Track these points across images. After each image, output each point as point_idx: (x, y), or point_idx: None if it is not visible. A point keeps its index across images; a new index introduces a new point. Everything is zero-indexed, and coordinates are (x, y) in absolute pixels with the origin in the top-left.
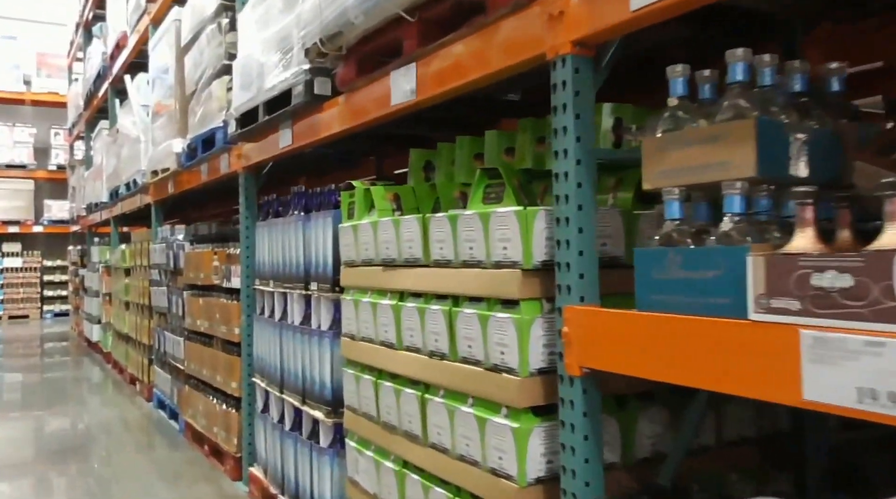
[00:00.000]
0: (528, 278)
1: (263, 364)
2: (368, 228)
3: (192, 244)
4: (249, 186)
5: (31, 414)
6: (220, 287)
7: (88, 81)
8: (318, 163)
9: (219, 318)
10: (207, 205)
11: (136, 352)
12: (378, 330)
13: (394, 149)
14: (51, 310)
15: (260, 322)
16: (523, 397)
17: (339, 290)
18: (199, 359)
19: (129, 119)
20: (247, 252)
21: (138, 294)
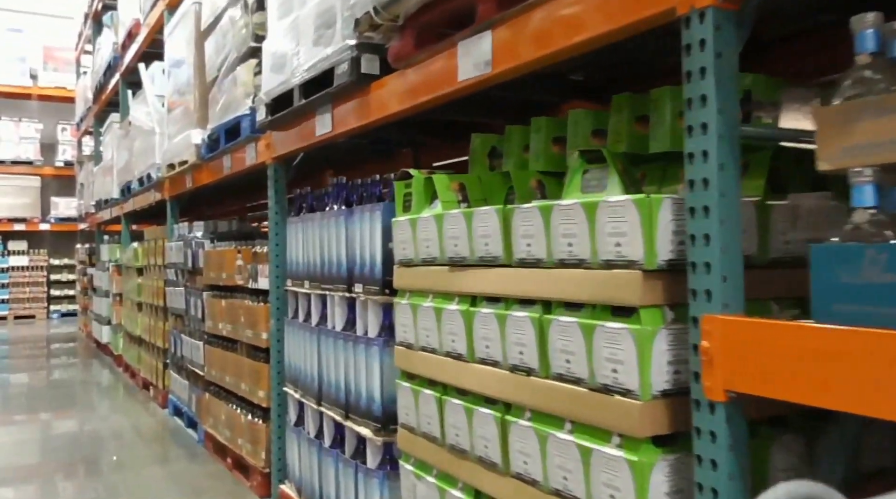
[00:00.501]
0: (650, 281)
1: (297, 373)
2: (431, 223)
3: (212, 242)
4: (279, 178)
5: (37, 420)
6: (244, 288)
7: (98, 73)
8: (346, 155)
9: (244, 321)
10: (223, 201)
11: (150, 355)
12: (443, 339)
13: (433, 138)
14: (57, 310)
15: (292, 327)
16: (644, 424)
17: (389, 292)
18: (220, 365)
19: (142, 110)
20: (276, 250)
21: (152, 295)
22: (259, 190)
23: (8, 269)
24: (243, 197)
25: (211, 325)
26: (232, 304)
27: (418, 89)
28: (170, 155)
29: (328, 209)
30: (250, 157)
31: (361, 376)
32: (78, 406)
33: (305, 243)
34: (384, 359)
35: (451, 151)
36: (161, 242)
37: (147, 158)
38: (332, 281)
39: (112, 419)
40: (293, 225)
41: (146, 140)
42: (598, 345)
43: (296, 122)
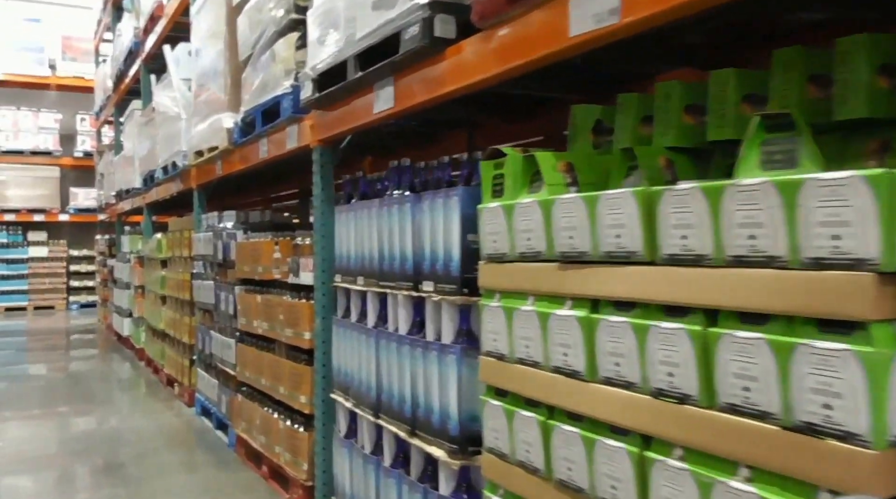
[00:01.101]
0: (885, 288)
1: (348, 379)
2: (535, 210)
3: (245, 233)
4: (325, 162)
5: (55, 417)
6: (283, 283)
7: (118, 60)
8: (385, 140)
9: (283, 319)
10: (247, 192)
11: (175, 351)
12: (550, 351)
13: (490, 118)
14: (77, 301)
15: (342, 327)
16: (877, 481)
17: (469, 292)
18: (255, 365)
19: (166, 95)
20: (322, 242)
21: (177, 288)
22: (284, 179)
23: (28, 260)
24: (267, 187)
25: (244, 322)
26: (269, 300)
27: (510, 52)
28: (197, 141)
29: (388, 196)
30: (291, 140)
31: (433, 388)
32: (99, 403)
33: (359, 234)
34: (462, 370)
35: (511, 133)
36: (187, 232)
37: (172, 146)
38: (393, 277)
39: (135, 419)
40: (342, 214)
41: (171, 126)
42: (798, 370)
43: (349, 98)
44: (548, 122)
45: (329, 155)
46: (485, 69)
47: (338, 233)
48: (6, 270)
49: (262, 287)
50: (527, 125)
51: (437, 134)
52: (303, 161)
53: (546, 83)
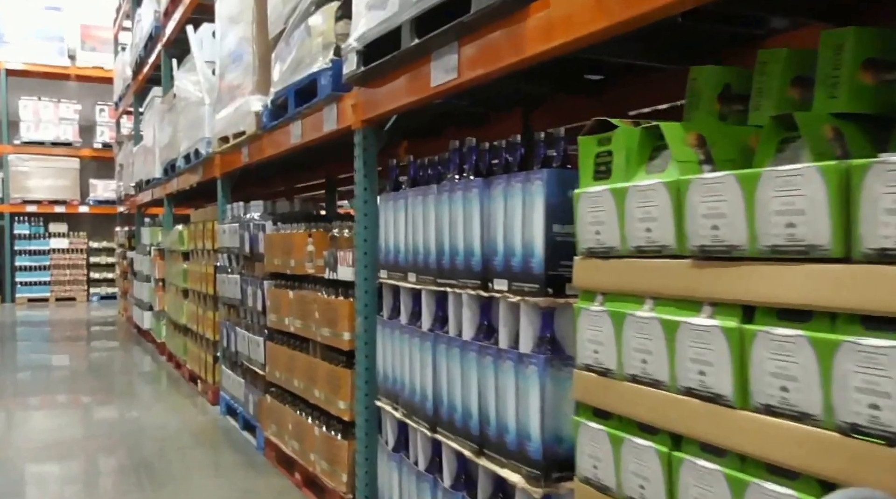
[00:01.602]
0: None
1: (397, 386)
2: (661, 193)
3: (274, 225)
4: (369, 145)
5: (75, 415)
6: (318, 278)
7: (138, 47)
8: (424, 123)
9: (318, 317)
10: (270, 182)
11: (198, 347)
12: (680, 368)
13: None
14: (97, 293)
15: (390, 329)
16: None
17: (553, 292)
18: (287, 365)
19: (189, 80)
20: (364, 234)
21: (200, 281)
22: (309, 169)
23: (49, 251)
24: (290, 178)
25: (274, 319)
26: (302, 296)
27: (616, 3)
28: (222, 127)
29: (449, 181)
30: (330, 121)
31: (507, 403)
32: (119, 400)
33: (411, 226)
34: (546, 384)
35: (574, 112)
36: (211, 224)
37: (195, 133)
38: (455, 275)
39: (159, 416)
40: (389, 203)
41: (194, 112)
42: None
43: (401, 71)
44: (619, 97)
45: (373, 137)
46: (580, 27)
47: (383, 224)
48: (29, 262)
49: (295, 282)
50: (594, 102)
51: (486, 115)
52: (331, 149)
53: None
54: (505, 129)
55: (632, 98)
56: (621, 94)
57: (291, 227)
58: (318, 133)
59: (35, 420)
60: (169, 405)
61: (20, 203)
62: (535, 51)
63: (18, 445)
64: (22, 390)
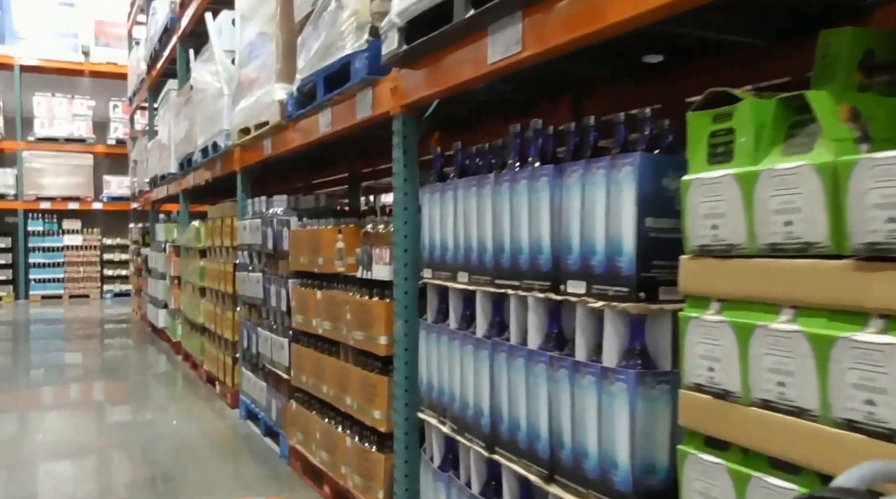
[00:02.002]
0: None
1: (444, 398)
2: (809, 177)
3: (300, 220)
4: (409, 133)
5: (89, 420)
6: (349, 277)
7: (152, 40)
8: (457, 113)
9: (350, 319)
10: (286, 178)
11: (215, 347)
12: (835, 395)
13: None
14: (110, 290)
15: (436, 334)
16: None
17: (646, 297)
18: (315, 370)
19: (207, 71)
20: (404, 229)
21: (218, 279)
22: (329, 163)
23: (63, 248)
24: (307, 173)
25: (300, 320)
26: (332, 297)
27: None
28: (243, 118)
29: (509, 170)
30: (364, 107)
31: (587, 424)
32: (134, 402)
33: (461, 219)
34: (637, 404)
35: (634, 98)
36: (230, 220)
37: (213, 125)
38: (517, 275)
39: (174, 421)
40: (434, 195)
41: (212, 104)
42: None
43: (452, 47)
44: (680, 82)
45: (413, 124)
46: None
47: (427, 218)
48: (42, 259)
49: (322, 281)
50: (652, 89)
51: (528, 105)
52: (354, 142)
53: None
54: (550, 120)
55: (694, 82)
56: (683, 79)
57: (319, 222)
58: (349, 121)
59: (46, 423)
60: (186, 409)
61: (34, 200)
62: (619, 17)
63: (26, 451)
64: (34, 391)
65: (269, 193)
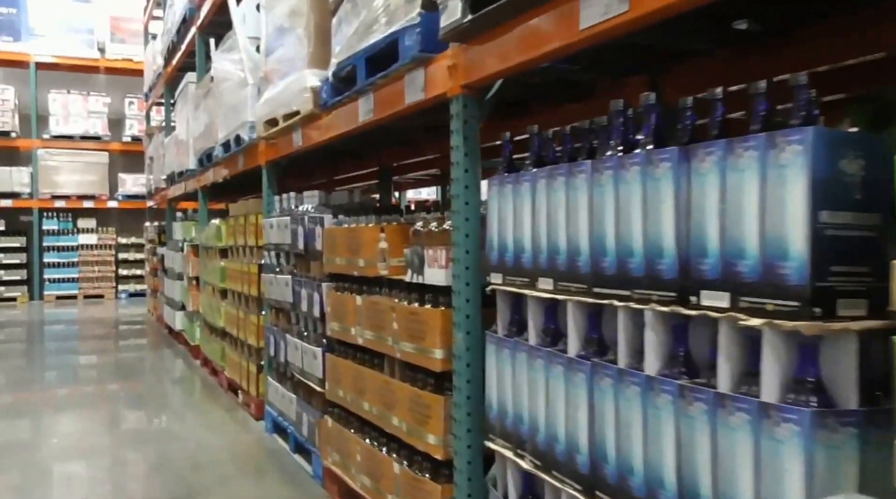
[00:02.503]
0: None
1: (520, 427)
2: None
3: (335, 217)
4: (470, 117)
5: (102, 429)
6: (395, 281)
7: (170, 32)
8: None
9: (398, 329)
10: (308, 173)
11: (238, 353)
12: None
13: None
14: (125, 290)
15: (509, 350)
16: None
17: (821, 313)
18: (354, 384)
19: (229, 60)
20: (465, 227)
21: (240, 281)
22: (353, 157)
23: (77, 247)
24: (332, 167)
25: (336, 328)
26: (375, 303)
27: None
28: (270, 109)
29: (612, 156)
30: (414, 90)
31: (738, 475)
32: (150, 412)
33: (543, 216)
34: (813, 451)
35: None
36: (254, 218)
37: (235, 118)
38: (626, 283)
39: (198, 433)
40: (504, 188)
41: (234, 95)
42: None
43: (532, 12)
44: (769, 57)
45: (475, 107)
46: None
47: (495, 215)
48: (57, 258)
49: (362, 285)
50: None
51: (591, 87)
52: (384, 134)
53: None
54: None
55: (784, 57)
56: (775, 53)
57: (357, 220)
58: (395, 107)
59: (57, 433)
60: (206, 419)
61: (49, 198)
62: None
63: (37, 458)
64: (46, 398)
65: (286, 190)
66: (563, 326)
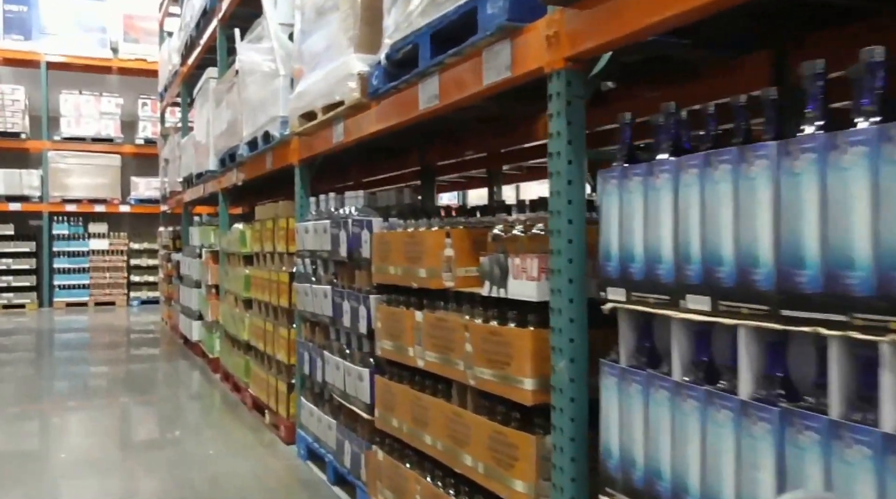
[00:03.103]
0: None
1: (657, 485)
2: None
3: (386, 221)
4: (575, 96)
5: (113, 450)
6: (463, 295)
7: (189, 26)
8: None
9: (472, 351)
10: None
11: (265, 370)
12: None
13: None
14: (137, 297)
15: (639, 385)
16: None
17: None
18: (412, 413)
19: (257, 51)
20: (569, 231)
21: (268, 291)
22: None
23: (88, 252)
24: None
25: (390, 347)
26: (442, 320)
27: None
28: (306, 101)
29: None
30: (496, 67)
31: None
32: (168, 432)
33: (691, 216)
34: None
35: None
36: (284, 221)
37: (264, 113)
38: (839, 304)
39: (217, 459)
40: (623, 182)
41: (264, 88)
42: None
43: None
44: None
45: (580, 85)
46: None
47: (611, 216)
48: (67, 264)
49: (421, 298)
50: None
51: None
52: (422, 129)
53: None
54: (722, 85)
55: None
56: None
57: (416, 223)
58: (470, 89)
59: (66, 447)
60: (229, 441)
61: (59, 202)
62: None
63: (40, 483)
64: (54, 410)
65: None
66: (723, 359)
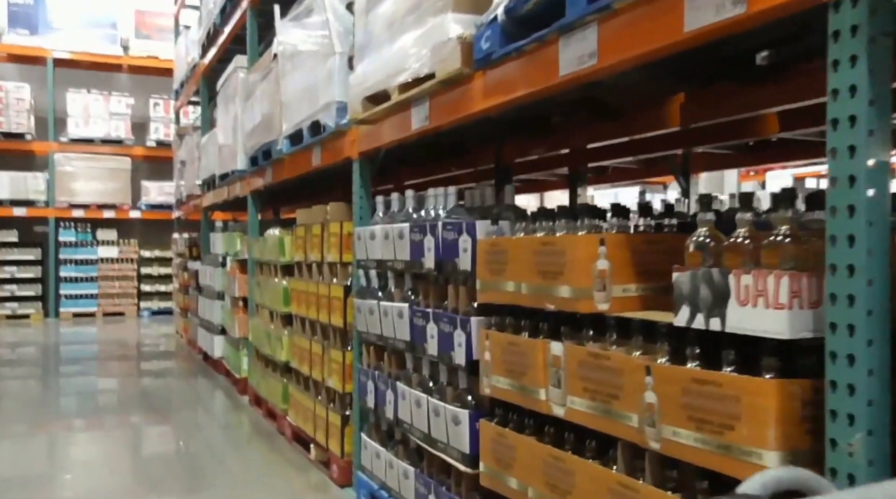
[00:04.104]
0: None
1: None
2: None
3: (494, 224)
4: (880, 33)
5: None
6: (624, 321)
7: (211, 14)
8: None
9: (657, 403)
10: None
11: (310, 397)
12: None
13: None
14: (148, 307)
15: None
16: None
17: None
18: (548, 477)
19: (303, 28)
20: (868, 237)
21: (316, 307)
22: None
23: (97, 261)
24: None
25: (507, 387)
26: (603, 357)
27: None
28: (376, 79)
29: None
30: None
31: None
32: (192, 463)
33: None
34: None
35: None
36: (336, 226)
37: (312, 100)
38: None
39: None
40: None
41: (312, 72)
42: None
43: None
44: None
45: (879, 21)
46: None
47: None
48: (75, 272)
49: (556, 324)
50: None
51: None
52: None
53: None
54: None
55: None
56: None
57: (550, 227)
58: (655, 41)
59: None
60: (269, 482)
61: (66, 207)
62: None
63: None
64: (62, 430)
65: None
66: None
